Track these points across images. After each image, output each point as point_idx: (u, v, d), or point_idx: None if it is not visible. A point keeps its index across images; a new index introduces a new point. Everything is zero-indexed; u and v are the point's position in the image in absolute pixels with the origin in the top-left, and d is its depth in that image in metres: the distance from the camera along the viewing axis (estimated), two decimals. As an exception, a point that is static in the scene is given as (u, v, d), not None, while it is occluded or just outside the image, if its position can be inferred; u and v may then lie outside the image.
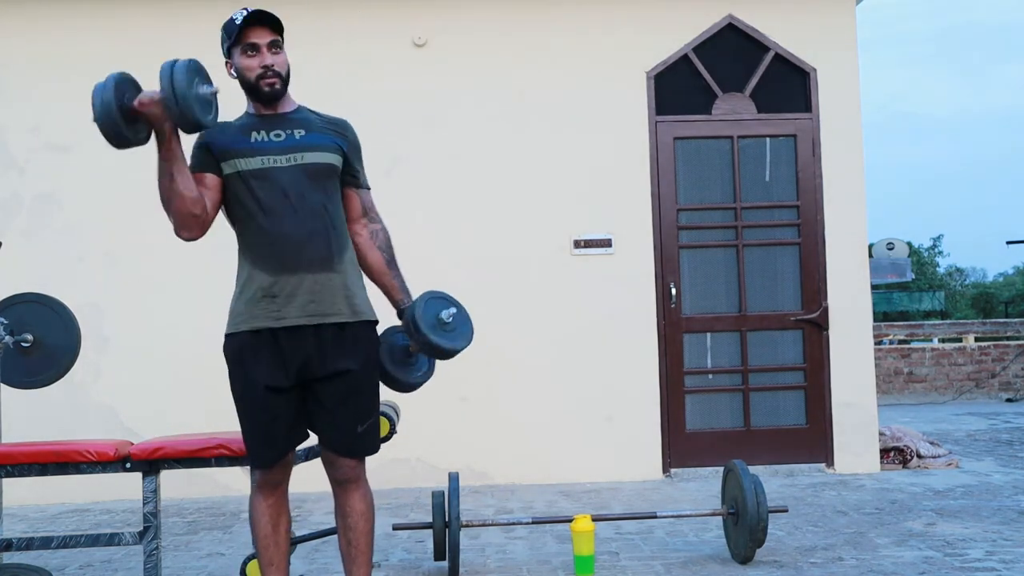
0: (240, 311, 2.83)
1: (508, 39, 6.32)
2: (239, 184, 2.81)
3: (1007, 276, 49.14)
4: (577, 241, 6.24)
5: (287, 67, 2.88)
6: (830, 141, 6.36)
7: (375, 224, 3.01)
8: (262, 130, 2.84)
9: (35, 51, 6.18)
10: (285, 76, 2.86)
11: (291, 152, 2.82)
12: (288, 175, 2.79)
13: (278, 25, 2.86)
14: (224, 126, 2.87)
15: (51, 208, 6.13)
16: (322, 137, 2.87)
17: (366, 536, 2.88)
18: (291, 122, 2.88)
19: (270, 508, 2.88)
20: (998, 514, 4.83)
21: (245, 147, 2.81)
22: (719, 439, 6.22)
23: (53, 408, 5.63)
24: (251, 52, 2.83)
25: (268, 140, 2.83)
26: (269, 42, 2.83)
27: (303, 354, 2.78)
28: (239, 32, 2.82)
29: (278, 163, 2.80)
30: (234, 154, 2.81)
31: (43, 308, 3.96)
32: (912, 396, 12.12)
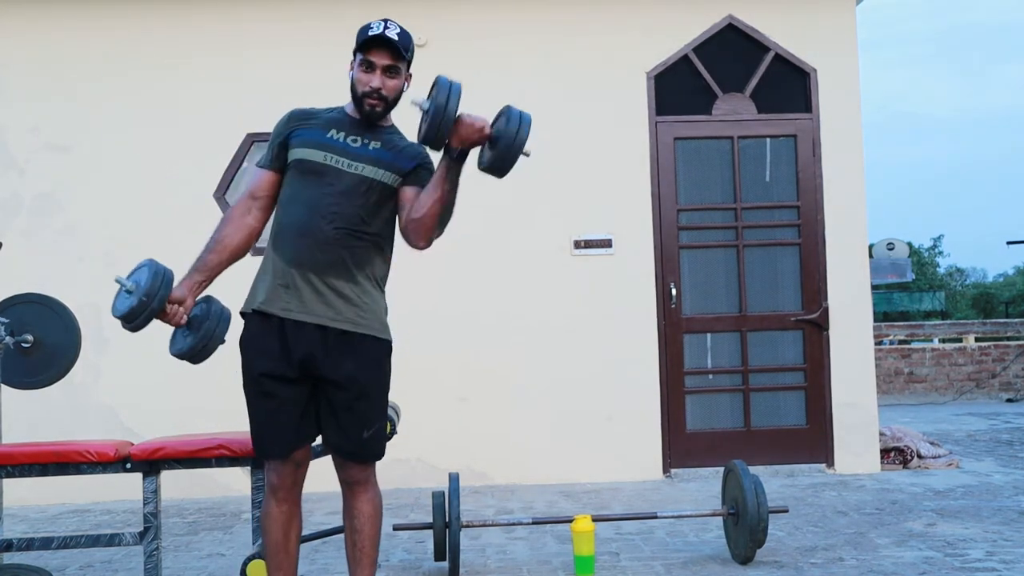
0: (257, 290, 2.86)
1: (508, 39, 6.32)
2: (296, 173, 2.85)
3: (1007, 276, 49.13)
4: (577, 241, 6.24)
5: (398, 92, 2.90)
6: (830, 141, 6.36)
7: None
8: (343, 131, 2.87)
9: (35, 51, 6.19)
10: (391, 101, 2.89)
11: (357, 160, 2.83)
12: (342, 179, 2.81)
13: (402, 51, 2.86)
14: (311, 116, 2.91)
15: (51, 208, 6.13)
16: (392, 155, 2.87)
17: (372, 539, 2.88)
18: (374, 133, 2.89)
19: (282, 515, 2.86)
20: (998, 514, 4.83)
21: (319, 140, 2.85)
22: (719, 439, 6.22)
23: (53, 408, 5.63)
24: (367, 68, 2.85)
25: (343, 142, 2.85)
26: (386, 66, 2.85)
27: (305, 348, 2.78)
28: (362, 45, 2.84)
29: (340, 164, 2.82)
30: (305, 143, 2.85)
31: (43, 308, 3.96)
32: (912, 396, 12.11)
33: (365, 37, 2.83)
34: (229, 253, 2.90)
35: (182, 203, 6.08)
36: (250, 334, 2.86)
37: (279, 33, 6.21)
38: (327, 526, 4.52)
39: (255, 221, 2.93)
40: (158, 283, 2.78)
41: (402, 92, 2.92)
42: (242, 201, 2.94)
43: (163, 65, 6.21)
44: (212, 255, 2.88)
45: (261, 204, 2.93)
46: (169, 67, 6.20)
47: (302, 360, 2.78)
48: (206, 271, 2.88)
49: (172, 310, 2.82)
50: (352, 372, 2.79)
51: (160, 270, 2.82)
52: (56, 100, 6.17)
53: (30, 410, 5.01)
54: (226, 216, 2.95)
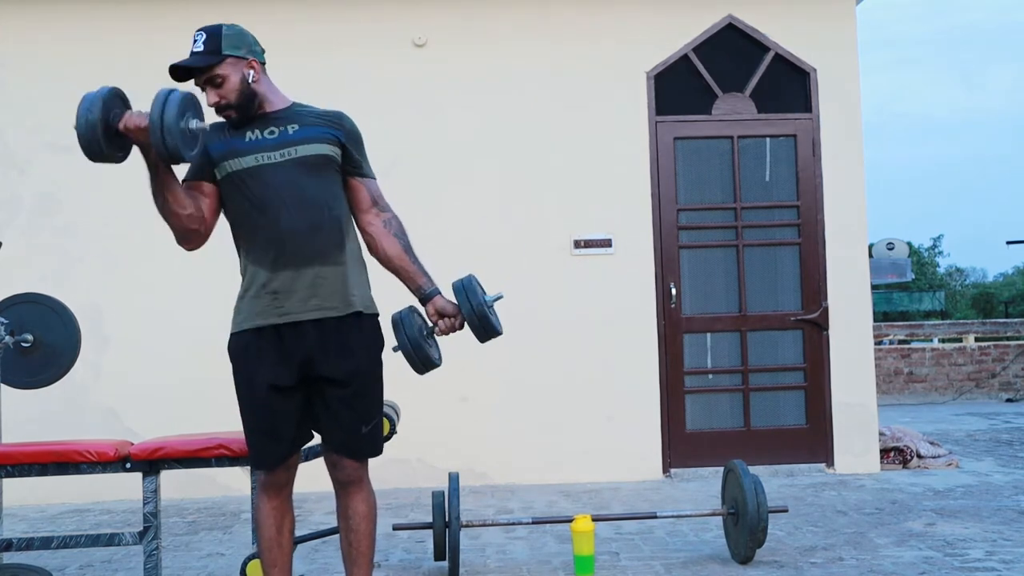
0: (243, 309, 2.83)
1: (507, 39, 6.32)
2: (233, 185, 2.82)
3: (1007, 276, 49.13)
4: (577, 241, 6.24)
5: (237, 91, 2.80)
6: (830, 141, 6.36)
7: (386, 212, 2.97)
8: (256, 129, 2.84)
9: (35, 51, 6.19)
10: (236, 101, 2.81)
11: (284, 147, 2.81)
12: (282, 171, 2.78)
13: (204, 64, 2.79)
14: (221, 127, 2.88)
15: (51, 208, 6.13)
16: (316, 129, 2.86)
17: (368, 538, 2.88)
18: (283, 119, 2.87)
19: (274, 511, 2.87)
20: (998, 514, 4.83)
21: (239, 146, 2.81)
22: (719, 439, 6.22)
23: (53, 408, 5.63)
24: (203, 89, 2.85)
25: (262, 138, 2.82)
26: (206, 80, 2.82)
27: (305, 350, 2.77)
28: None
29: (272, 159, 2.79)
30: (229, 155, 2.81)
31: (43, 308, 3.96)
32: (912, 396, 12.12)
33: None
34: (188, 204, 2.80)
35: (182, 203, 6.07)
36: (243, 347, 2.82)
37: (278, 34, 6.20)
38: (327, 526, 4.52)
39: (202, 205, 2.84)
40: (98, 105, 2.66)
41: (247, 83, 2.83)
42: None
43: (163, 66, 6.19)
44: None
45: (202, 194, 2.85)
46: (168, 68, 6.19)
47: (301, 363, 2.77)
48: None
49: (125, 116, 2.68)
50: (352, 368, 2.79)
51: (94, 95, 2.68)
52: (56, 100, 6.15)
53: (30, 410, 5.01)
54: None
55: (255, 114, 2.86)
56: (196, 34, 2.85)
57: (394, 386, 3.05)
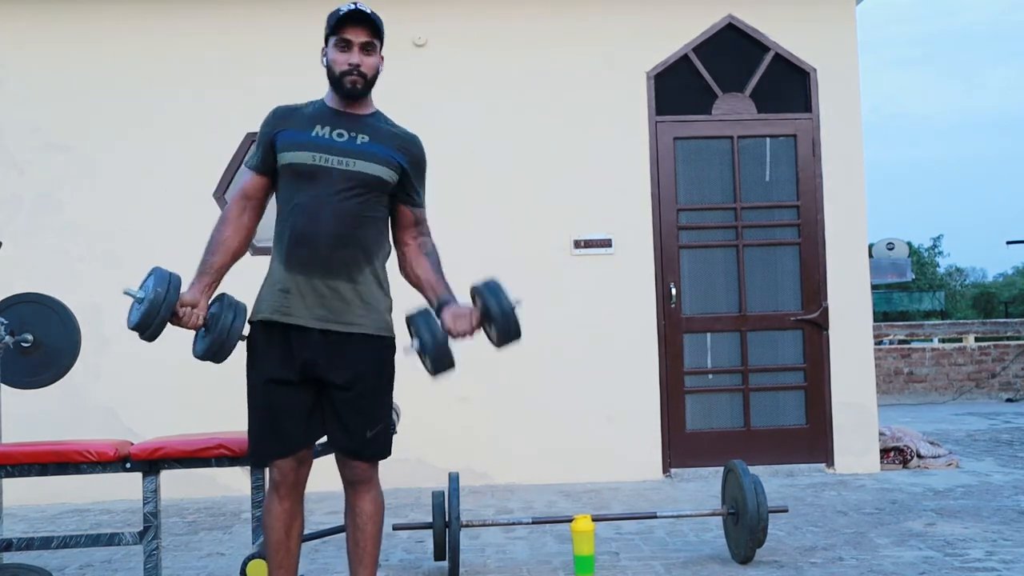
0: (261, 298, 2.87)
1: (507, 40, 6.32)
2: (288, 176, 2.84)
3: (1007, 276, 49.17)
4: (577, 241, 6.24)
5: (375, 70, 2.88)
6: (830, 141, 6.36)
7: (425, 236, 3.00)
8: (327, 126, 2.84)
9: (36, 52, 6.19)
10: (370, 78, 2.86)
11: (347, 156, 2.81)
12: (334, 178, 2.79)
13: (378, 26, 2.86)
14: (294, 113, 2.89)
15: (51, 208, 6.13)
16: (383, 149, 2.85)
17: (374, 538, 2.88)
18: (359, 125, 2.87)
19: (284, 513, 2.85)
20: (998, 514, 4.83)
21: (304, 140, 2.82)
22: (719, 439, 6.22)
23: (53, 408, 5.63)
24: (343, 47, 2.84)
25: (329, 138, 2.83)
26: (363, 43, 2.83)
27: (308, 354, 2.77)
28: (336, 25, 2.84)
29: (329, 163, 2.79)
30: (291, 147, 2.82)
31: (43, 308, 3.96)
32: (912, 396, 12.12)
33: (338, 15, 2.83)
34: (231, 254, 2.90)
35: (182, 203, 6.08)
36: (255, 341, 2.86)
37: (278, 34, 6.21)
38: (328, 525, 4.52)
39: (250, 221, 2.93)
40: (164, 287, 2.78)
41: (379, 72, 2.90)
42: (236, 202, 2.93)
43: (163, 65, 6.21)
44: (215, 257, 2.88)
45: (254, 204, 2.93)
46: (169, 67, 6.20)
47: (304, 364, 2.77)
48: (212, 273, 2.87)
49: (185, 313, 2.80)
50: (354, 374, 2.79)
51: (165, 275, 2.82)
52: (56, 100, 6.17)
53: (30, 410, 5.00)
54: (222, 217, 2.94)
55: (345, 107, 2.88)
56: (357, 3, 2.85)
57: (395, 386, 3.04)
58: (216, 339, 2.81)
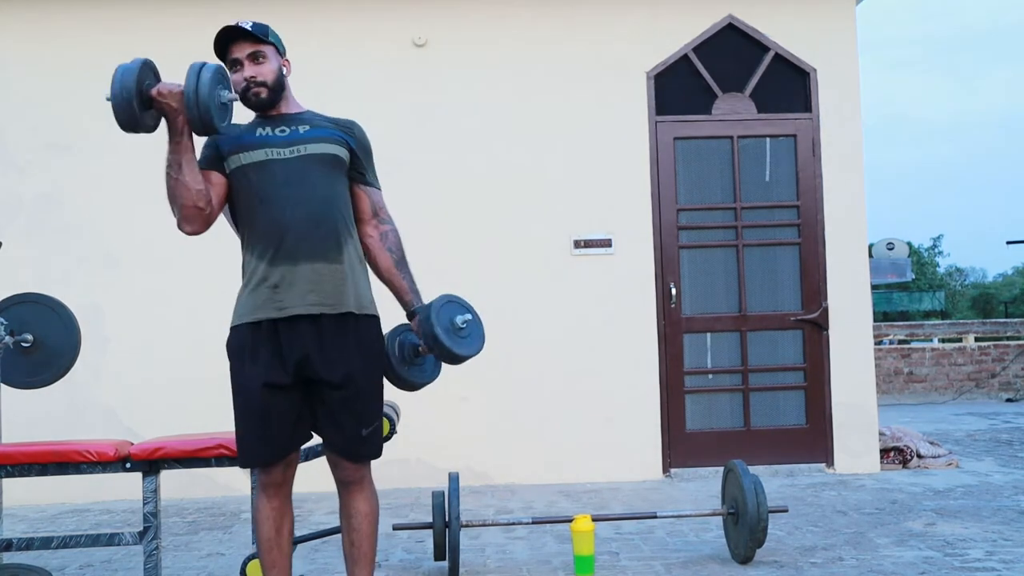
0: (243, 303, 2.83)
1: (508, 39, 6.32)
2: (242, 178, 2.82)
3: (1007, 276, 49.17)
4: (577, 241, 6.24)
5: (274, 74, 2.87)
6: (830, 141, 6.36)
7: (385, 225, 2.99)
8: (267, 126, 2.88)
9: (36, 51, 6.19)
10: (272, 83, 2.86)
11: (294, 144, 2.84)
12: (290, 166, 2.81)
13: (256, 34, 2.85)
14: (233, 127, 2.89)
15: (51, 208, 6.13)
16: (326, 131, 2.89)
17: (369, 537, 2.88)
18: (296, 120, 2.91)
19: (273, 511, 2.86)
20: (998, 514, 4.83)
21: (249, 140, 2.84)
22: (719, 439, 6.22)
23: (53, 408, 5.63)
24: (235, 67, 2.87)
25: (272, 135, 2.85)
26: (249, 54, 2.85)
27: (301, 349, 2.76)
28: (220, 50, 2.86)
29: (281, 154, 2.81)
30: (239, 149, 2.83)
31: (43, 308, 3.96)
32: (912, 396, 12.12)
33: (217, 38, 2.85)
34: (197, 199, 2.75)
35: (182, 203, 6.07)
36: (240, 344, 2.82)
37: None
38: (327, 525, 4.53)
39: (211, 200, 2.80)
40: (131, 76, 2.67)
41: (283, 76, 2.90)
42: None
43: (163, 64, 6.19)
44: None
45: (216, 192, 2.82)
46: (170, 66, 6.18)
47: (298, 362, 2.76)
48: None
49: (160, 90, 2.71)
50: (348, 372, 2.78)
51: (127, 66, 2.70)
52: (56, 100, 6.17)
53: (30, 410, 5.00)
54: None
55: (271, 112, 2.90)
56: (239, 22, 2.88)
57: (394, 386, 3.04)
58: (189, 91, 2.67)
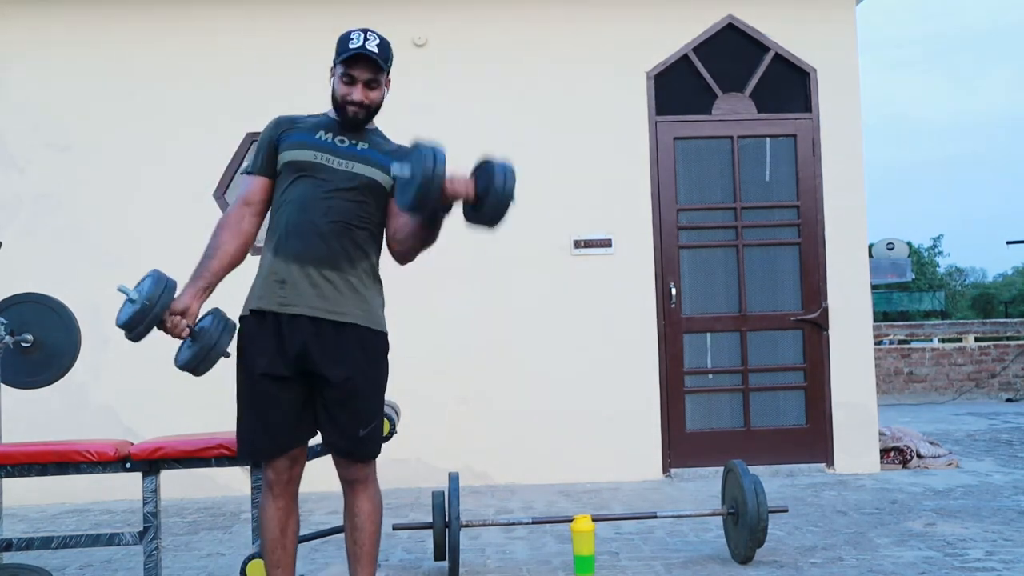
0: (254, 290, 2.88)
1: (508, 39, 6.32)
2: (286, 173, 2.88)
3: (1007, 276, 49.16)
4: (577, 241, 6.24)
5: (379, 101, 2.94)
6: (830, 141, 6.36)
7: None
8: (330, 132, 2.92)
9: (36, 52, 6.19)
10: (373, 110, 2.93)
11: (346, 159, 2.87)
12: (334, 177, 2.84)
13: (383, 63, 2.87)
14: (296, 121, 2.95)
15: (51, 208, 6.13)
16: (381, 156, 2.91)
17: (372, 537, 2.89)
18: (361, 135, 2.94)
19: (279, 511, 2.87)
20: (998, 514, 4.83)
21: (308, 140, 2.89)
22: (719, 439, 6.22)
23: (53, 408, 5.63)
24: (348, 81, 2.88)
25: (331, 142, 2.89)
26: (367, 80, 2.88)
27: (302, 342, 2.78)
28: (344, 59, 2.86)
29: (330, 163, 2.85)
30: (295, 146, 2.88)
31: (43, 308, 3.96)
32: (912, 396, 12.12)
33: (346, 51, 2.84)
34: (228, 259, 2.90)
35: (181, 202, 6.08)
36: (246, 334, 2.86)
37: (279, 35, 6.21)
38: (327, 525, 4.53)
39: (250, 227, 2.94)
40: (160, 290, 2.75)
41: (383, 100, 2.96)
42: (236, 208, 2.95)
43: (164, 65, 6.21)
44: (213, 261, 2.88)
45: (255, 210, 2.95)
46: (169, 67, 6.21)
47: (298, 355, 2.78)
48: (208, 277, 2.86)
49: (174, 321, 2.78)
50: (347, 371, 2.79)
51: (163, 278, 2.80)
52: (56, 100, 6.17)
53: (30, 410, 5.00)
54: (221, 223, 2.94)
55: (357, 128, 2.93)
56: (366, 32, 2.86)
57: (394, 386, 3.04)
58: (199, 352, 2.80)
